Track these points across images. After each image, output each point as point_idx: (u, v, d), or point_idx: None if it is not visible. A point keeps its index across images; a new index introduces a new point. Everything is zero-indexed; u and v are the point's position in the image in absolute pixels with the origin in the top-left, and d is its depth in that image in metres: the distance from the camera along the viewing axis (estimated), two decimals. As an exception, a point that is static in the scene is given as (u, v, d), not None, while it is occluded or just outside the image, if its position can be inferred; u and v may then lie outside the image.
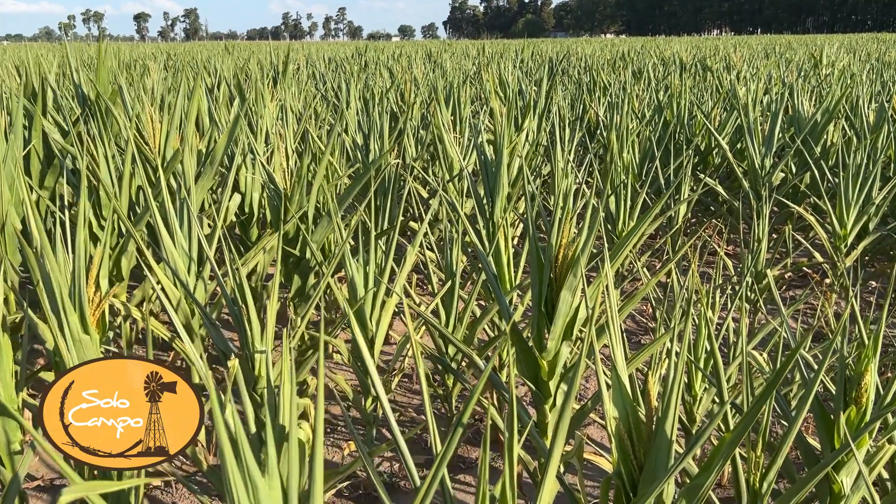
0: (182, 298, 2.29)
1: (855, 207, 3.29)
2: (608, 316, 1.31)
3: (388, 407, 1.10)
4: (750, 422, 1.11)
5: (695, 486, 1.17)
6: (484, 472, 0.89)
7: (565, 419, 1.03)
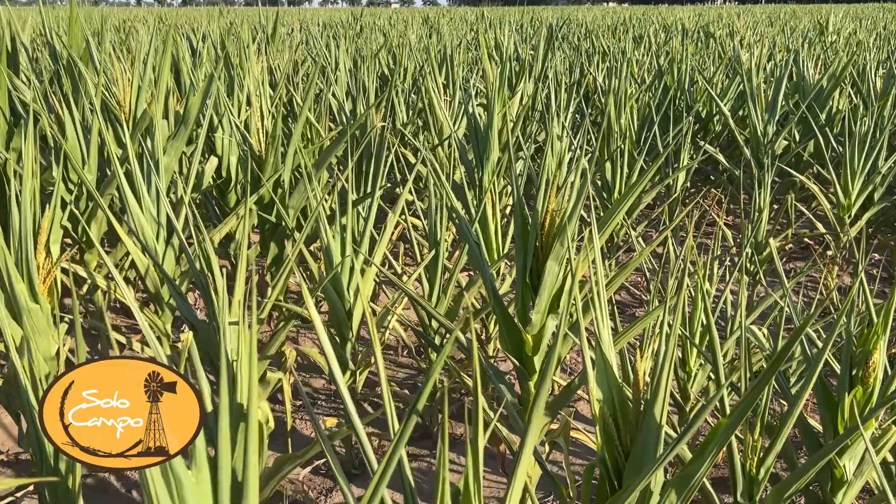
0: (150, 266, 2.17)
1: (860, 176, 3.16)
2: (594, 288, 1.19)
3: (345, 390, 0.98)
4: (749, 405, 1.00)
5: (687, 475, 1.06)
6: (443, 464, 0.77)
7: (542, 396, 0.91)
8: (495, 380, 1.69)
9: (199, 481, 0.78)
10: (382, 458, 0.77)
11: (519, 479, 0.91)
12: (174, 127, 2.77)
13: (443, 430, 0.77)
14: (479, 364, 0.83)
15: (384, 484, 0.76)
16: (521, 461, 0.90)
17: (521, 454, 0.90)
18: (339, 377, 1.02)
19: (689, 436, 0.91)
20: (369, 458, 0.95)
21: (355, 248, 1.95)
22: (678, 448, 0.91)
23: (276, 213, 2.35)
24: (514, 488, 0.91)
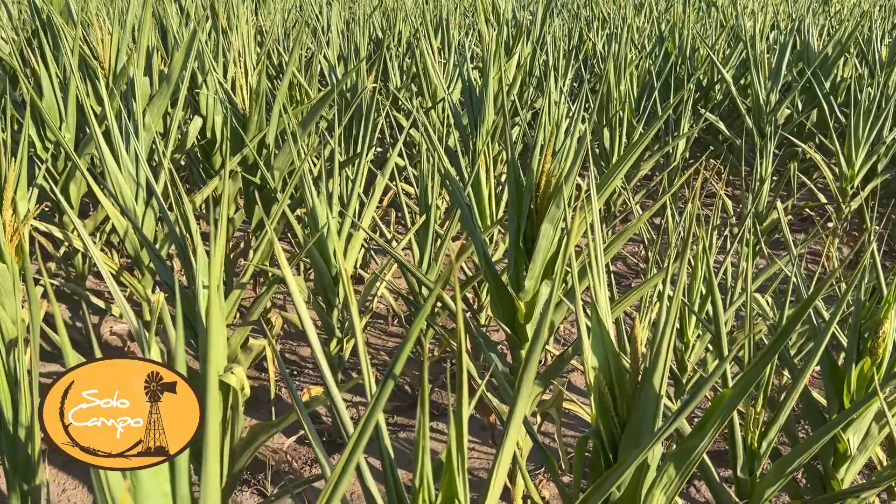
0: (129, 229, 2.08)
1: (864, 146, 3.08)
2: (591, 251, 1.11)
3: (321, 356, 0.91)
4: (755, 376, 0.93)
5: (686, 450, 0.99)
6: (423, 433, 0.70)
7: (533, 361, 0.84)
8: (485, 348, 1.62)
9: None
10: (358, 424, 0.70)
11: (507, 449, 0.84)
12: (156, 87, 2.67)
13: (422, 396, 0.70)
14: (462, 322, 0.76)
15: (360, 450, 0.69)
16: (510, 430, 0.83)
17: (510, 423, 0.83)
18: (314, 340, 0.95)
19: (691, 408, 0.85)
20: (345, 424, 0.88)
21: (342, 211, 1.87)
22: (679, 421, 0.84)
23: (260, 176, 2.26)
24: (501, 458, 0.84)
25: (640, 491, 1.04)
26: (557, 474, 1.43)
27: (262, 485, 1.93)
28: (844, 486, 1.41)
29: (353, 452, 0.69)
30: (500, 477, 0.85)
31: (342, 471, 0.68)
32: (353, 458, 0.69)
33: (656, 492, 1.03)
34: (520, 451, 1.78)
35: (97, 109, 2.39)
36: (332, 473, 0.68)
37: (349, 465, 0.68)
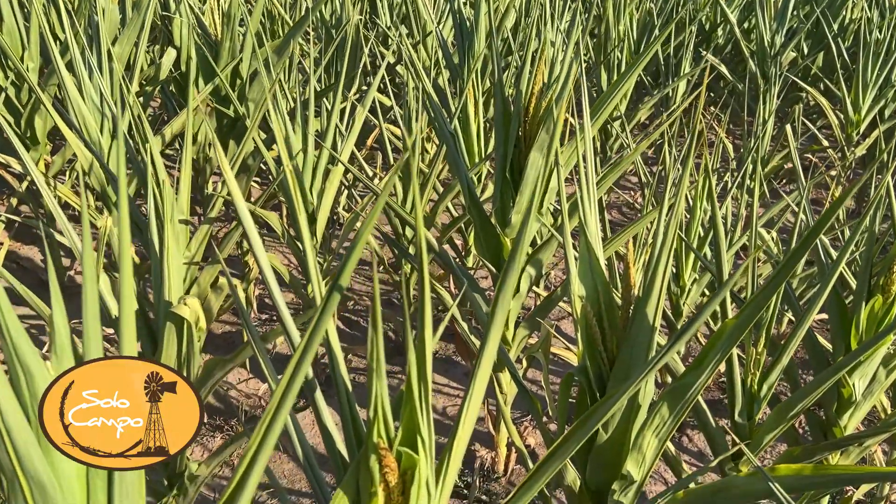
0: (94, 163, 1.96)
1: (872, 90, 2.95)
2: (582, 173, 1.00)
3: (276, 291, 0.80)
4: (757, 309, 0.82)
5: (681, 387, 0.90)
6: (377, 355, 0.60)
7: (510, 276, 0.73)
8: (469, 286, 1.52)
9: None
10: (305, 335, 0.60)
11: (480, 379, 0.74)
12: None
13: (374, 314, 0.59)
14: (423, 236, 0.65)
15: (306, 362, 0.59)
16: (484, 357, 0.73)
17: (484, 348, 0.73)
18: (269, 278, 0.84)
19: (689, 336, 0.74)
20: (293, 338, 0.78)
21: (318, 142, 1.74)
22: (678, 346, 0.73)
23: (235, 110, 2.13)
24: (474, 389, 0.74)
25: (630, 433, 0.95)
26: (543, 421, 1.34)
27: (234, 430, 1.85)
28: (847, 434, 1.32)
29: (300, 364, 0.59)
30: (472, 410, 0.75)
31: (287, 386, 0.58)
32: (298, 370, 0.59)
33: (647, 433, 0.94)
34: (504, 397, 1.70)
35: (62, 37, 2.24)
36: (276, 388, 0.58)
37: (295, 377, 0.58)
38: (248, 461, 0.60)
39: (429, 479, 0.71)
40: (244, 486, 0.61)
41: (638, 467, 0.96)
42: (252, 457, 0.60)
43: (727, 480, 0.87)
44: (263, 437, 0.59)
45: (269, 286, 0.82)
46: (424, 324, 0.63)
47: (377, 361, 0.61)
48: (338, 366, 0.74)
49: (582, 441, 0.76)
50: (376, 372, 0.62)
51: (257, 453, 0.60)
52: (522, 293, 1.59)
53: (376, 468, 0.68)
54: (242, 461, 0.61)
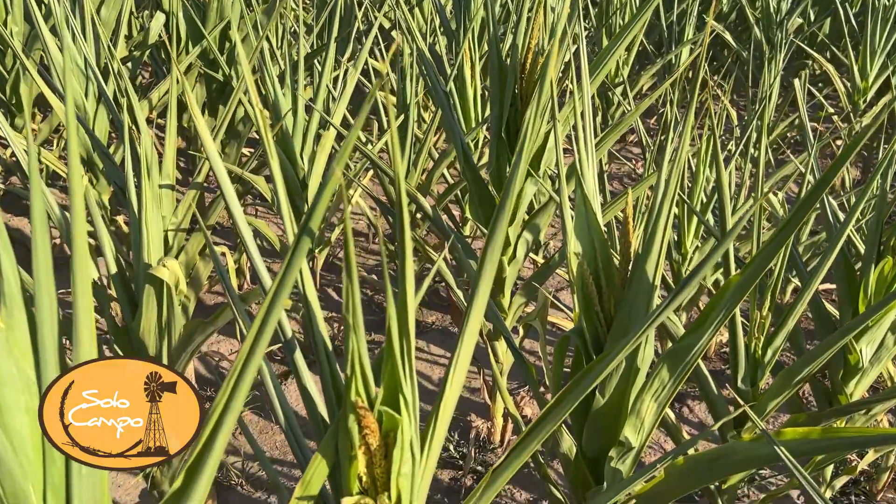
0: (77, 128, 1.90)
1: (879, 57, 2.88)
2: (577, 117, 0.95)
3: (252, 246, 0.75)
4: (764, 264, 0.77)
5: (682, 349, 0.85)
6: (353, 301, 0.56)
7: (499, 227, 0.69)
8: (462, 252, 1.47)
9: (12, 327, 0.56)
10: (276, 277, 0.55)
11: (468, 337, 0.69)
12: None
13: (347, 256, 0.55)
14: (402, 187, 0.60)
15: (279, 303, 0.55)
16: (472, 314, 0.68)
17: (473, 305, 0.68)
18: (245, 235, 0.79)
19: (693, 286, 0.70)
20: (263, 282, 0.73)
21: (310, 105, 1.68)
22: (678, 301, 0.69)
23: (224, 72, 2.07)
24: (461, 350, 0.69)
25: (628, 397, 0.90)
26: (539, 391, 1.30)
27: (226, 402, 1.81)
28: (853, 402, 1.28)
29: (271, 307, 0.54)
30: (460, 369, 0.71)
31: (258, 331, 0.54)
32: (271, 312, 0.54)
33: (646, 398, 0.90)
34: (500, 367, 1.66)
35: (46, 1, 2.18)
36: (249, 330, 0.54)
37: (267, 321, 0.54)
38: (218, 415, 0.56)
39: (413, 441, 0.67)
40: (214, 441, 0.56)
41: (636, 433, 0.92)
42: (222, 410, 0.56)
43: (729, 446, 0.83)
44: (234, 387, 0.55)
45: (246, 246, 0.77)
46: (405, 269, 0.58)
47: (354, 313, 0.56)
48: (315, 319, 0.69)
49: (577, 402, 0.71)
50: (353, 325, 0.57)
51: (227, 406, 0.56)
52: (519, 259, 1.55)
53: (355, 429, 0.64)
54: (211, 415, 0.57)
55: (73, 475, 0.56)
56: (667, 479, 0.90)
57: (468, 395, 1.95)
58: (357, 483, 0.69)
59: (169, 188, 1.60)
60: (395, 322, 0.60)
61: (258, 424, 1.82)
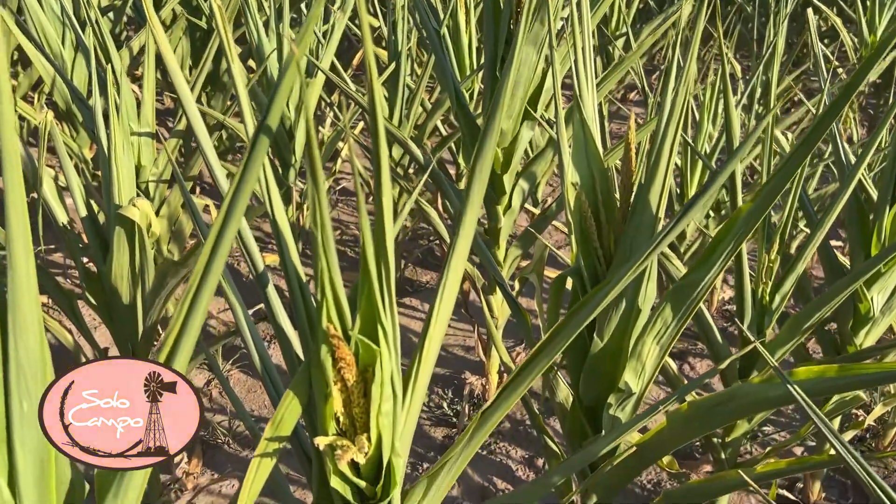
0: (56, 78, 1.83)
1: (889, 10, 2.78)
2: (577, 46, 0.88)
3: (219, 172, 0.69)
4: (776, 191, 0.71)
5: (687, 285, 0.79)
6: (319, 208, 0.50)
7: (489, 141, 0.62)
8: (458, 201, 1.41)
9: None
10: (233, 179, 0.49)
11: (456, 262, 0.63)
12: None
13: (310, 150, 0.48)
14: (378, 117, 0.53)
15: (238, 209, 0.49)
16: (459, 241, 0.62)
17: (459, 229, 0.62)
18: (220, 179, 0.72)
19: (701, 206, 0.63)
20: (218, 182, 0.67)
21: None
22: (686, 221, 0.62)
23: (207, 21, 1.98)
24: (447, 280, 0.63)
25: (629, 340, 0.85)
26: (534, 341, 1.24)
27: (212, 360, 1.75)
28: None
29: (235, 202, 0.48)
30: (446, 303, 0.65)
31: (218, 235, 0.48)
32: (230, 217, 0.48)
33: (648, 339, 0.84)
34: (495, 321, 1.60)
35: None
36: (207, 237, 0.48)
37: (230, 220, 0.48)
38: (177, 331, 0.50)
39: (394, 376, 0.61)
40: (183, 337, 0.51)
41: (637, 378, 0.87)
42: (181, 326, 0.50)
43: (737, 387, 0.77)
44: (196, 292, 0.49)
45: (221, 189, 0.70)
46: (381, 181, 0.52)
47: (322, 227, 0.50)
48: (286, 245, 0.63)
49: (572, 337, 0.66)
50: (322, 241, 0.51)
51: (187, 320, 0.50)
52: (514, 209, 1.48)
53: (328, 362, 0.58)
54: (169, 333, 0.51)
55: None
56: (669, 426, 0.85)
57: (463, 353, 1.90)
58: (334, 424, 0.63)
59: (148, 136, 1.52)
60: (370, 243, 0.54)
61: (246, 384, 1.77)
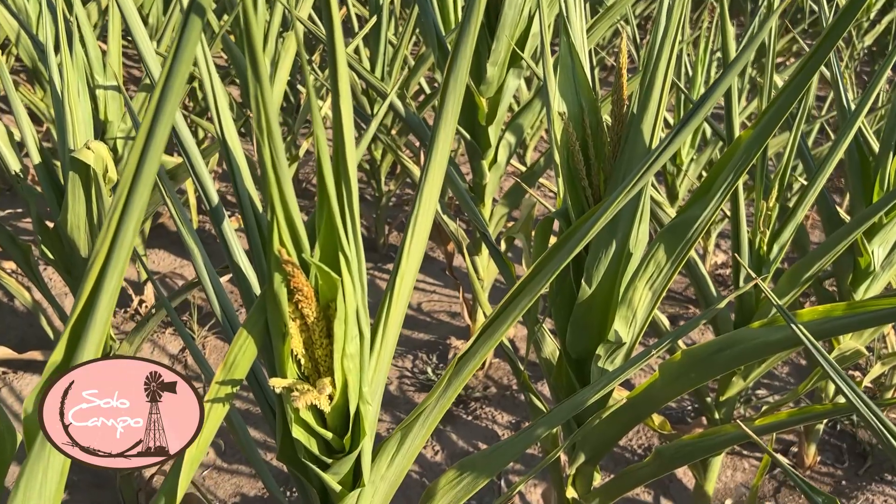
0: (21, 34, 1.74)
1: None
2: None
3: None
4: (780, 114, 0.65)
5: (683, 222, 0.73)
6: (262, 105, 0.43)
7: (460, 67, 0.56)
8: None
9: None
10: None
11: (429, 190, 0.57)
12: None
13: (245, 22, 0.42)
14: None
15: (170, 103, 0.42)
16: (435, 152, 0.56)
17: (433, 146, 0.56)
18: (184, 133, 0.65)
19: (703, 112, 0.57)
20: (151, 71, 0.61)
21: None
22: (682, 138, 0.56)
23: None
24: (421, 202, 0.57)
25: (619, 286, 0.79)
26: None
27: (188, 326, 1.69)
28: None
29: (165, 95, 0.42)
30: (422, 224, 0.58)
31: (150, 128, 0.41)
32: (163, 103, 0.41)
33: (639, 285, 0.78)
34: (481, 283, 1.54)
35: None
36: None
37: (160, 111, 0.41)
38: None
39: (360, 312, 0.55)
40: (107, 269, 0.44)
41: (627, 326, 0.81)
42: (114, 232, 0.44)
43: (736, 333, 0.72)
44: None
45: (180, 142, 0.63)
46: (338, 78, 0.45)
47: (264, 108, 0.44)
48: (235, 162, 0.56)
49: (556, 271, 0.60)
50: (266, 131, 0.44)
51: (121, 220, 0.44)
52: (500, 164, 1.42)
53: (283, 294, 0.52)
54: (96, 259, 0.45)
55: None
56: (662, 377, 0.80)
57: (448, 319, 1.85)
58: (294, 367, 0.57)
59: (115, 90, 1.45)
60: (325, 154, 0.47)
61: (223, 350, 1.71)
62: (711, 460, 1.21)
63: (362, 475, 0.64)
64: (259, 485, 1.39)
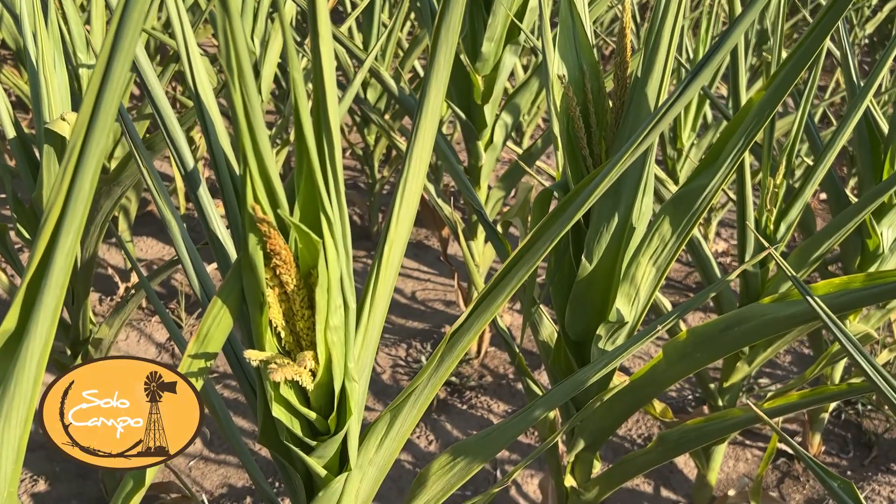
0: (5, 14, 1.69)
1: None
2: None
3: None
4: (791, 77, 0.61)
5: (689, 193, 0.69)
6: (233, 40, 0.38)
7: (451, 19, 0.52)
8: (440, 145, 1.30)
9: None
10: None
11: (418, 152, 0.53)
12: None
13: None
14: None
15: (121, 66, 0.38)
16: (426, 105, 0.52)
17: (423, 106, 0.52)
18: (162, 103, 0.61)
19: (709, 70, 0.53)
20: (160, 109, 0.56)
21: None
22: (691, 93, 0.52)
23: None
24: (410, 163, 0.53)
25: (621, 262, 0.75)
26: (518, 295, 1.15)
27: (176, 314, 1.65)
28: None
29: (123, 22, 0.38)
30: (409, 199, 0.54)
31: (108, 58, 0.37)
32: (119, 43, 0.37)
33: (642, 260, 0.74)
34: (477, 268, 1.50)
35: None
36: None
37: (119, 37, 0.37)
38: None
39: (344, 280, 0.51)
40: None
41: (630, 305, 0.77)
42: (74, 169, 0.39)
43: (746, 309, 0.68)
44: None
45: (158, 113, 0.59)
46: (317, 16, 0.41)
47: (237, 64, 0.39)
48: (209, 118, 0.52)
49: (555, 240, 0.56)
50: (240, 87, 0.40)
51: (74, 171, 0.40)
52: (497, 145, 1.38)
53: (259, 257, 0.47)
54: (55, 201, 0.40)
55: None
56: (665, 358, 0.76)
57: (443, 307, 1.81)
58: (273, 339, 0.53)
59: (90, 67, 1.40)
60: (302, 104, 0.43)
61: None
62: (714, 449, 1.17)
63: (349, 459, 0.60)
64: (247, 476, 1.35)
